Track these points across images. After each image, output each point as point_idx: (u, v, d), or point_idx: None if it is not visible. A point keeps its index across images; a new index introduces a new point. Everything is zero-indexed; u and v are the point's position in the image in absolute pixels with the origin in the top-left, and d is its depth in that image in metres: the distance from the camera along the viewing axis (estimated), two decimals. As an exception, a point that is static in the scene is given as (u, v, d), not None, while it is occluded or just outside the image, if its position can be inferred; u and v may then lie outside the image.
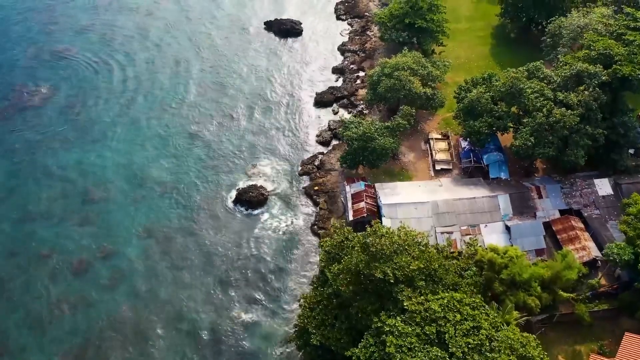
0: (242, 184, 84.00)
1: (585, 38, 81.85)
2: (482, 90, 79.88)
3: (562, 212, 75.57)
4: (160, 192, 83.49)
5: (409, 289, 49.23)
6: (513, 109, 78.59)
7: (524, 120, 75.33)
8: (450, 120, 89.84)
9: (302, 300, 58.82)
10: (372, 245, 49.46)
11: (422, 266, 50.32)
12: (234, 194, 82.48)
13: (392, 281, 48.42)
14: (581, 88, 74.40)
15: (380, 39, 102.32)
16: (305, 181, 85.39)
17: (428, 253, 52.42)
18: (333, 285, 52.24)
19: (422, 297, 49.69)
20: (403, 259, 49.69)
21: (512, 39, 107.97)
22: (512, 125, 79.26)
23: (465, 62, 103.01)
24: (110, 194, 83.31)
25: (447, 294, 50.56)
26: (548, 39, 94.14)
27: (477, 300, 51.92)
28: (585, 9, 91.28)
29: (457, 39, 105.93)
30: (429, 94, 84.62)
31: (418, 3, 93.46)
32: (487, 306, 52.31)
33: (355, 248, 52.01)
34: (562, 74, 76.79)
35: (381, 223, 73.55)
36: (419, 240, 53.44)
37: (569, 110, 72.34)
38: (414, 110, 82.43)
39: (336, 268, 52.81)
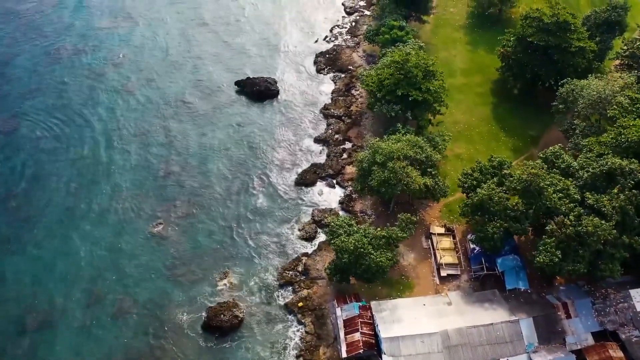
0: (211, 302, 70.17)
1: (612, 119, 70.18)
2: (494, 185, 67.44)
3: (595, 333, 63.66)
4: (113, 315, 69.61)
5: None
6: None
7: (547, 228, 62.86)
8: (453, 206, 77.63)
9: None
10: None
11: None
12: (201, 316, 68.63)
13: None
14: (615, 190, 62.19)
15: (368, 108, 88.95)
16: (287, 292, 72.09)
17: None
18: None
19: None
20: None
21: (515, 96, 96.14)
22: (531, 227, 67.17)
23: (465, 129, 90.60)
24: (53, 318, 69.32)
25: None
26: (560, 105, 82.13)
27: None
28: (605, 77, 79.07)
29: (454, 97, 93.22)
30: (429, 185, 71.74)
31: (412, 71, 79.74)
32: None
33: None
34: (591, 170, 64.49)
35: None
36: None
37: (603, 222, 59.98)
38: (415, 218, 69.09)
39: None
